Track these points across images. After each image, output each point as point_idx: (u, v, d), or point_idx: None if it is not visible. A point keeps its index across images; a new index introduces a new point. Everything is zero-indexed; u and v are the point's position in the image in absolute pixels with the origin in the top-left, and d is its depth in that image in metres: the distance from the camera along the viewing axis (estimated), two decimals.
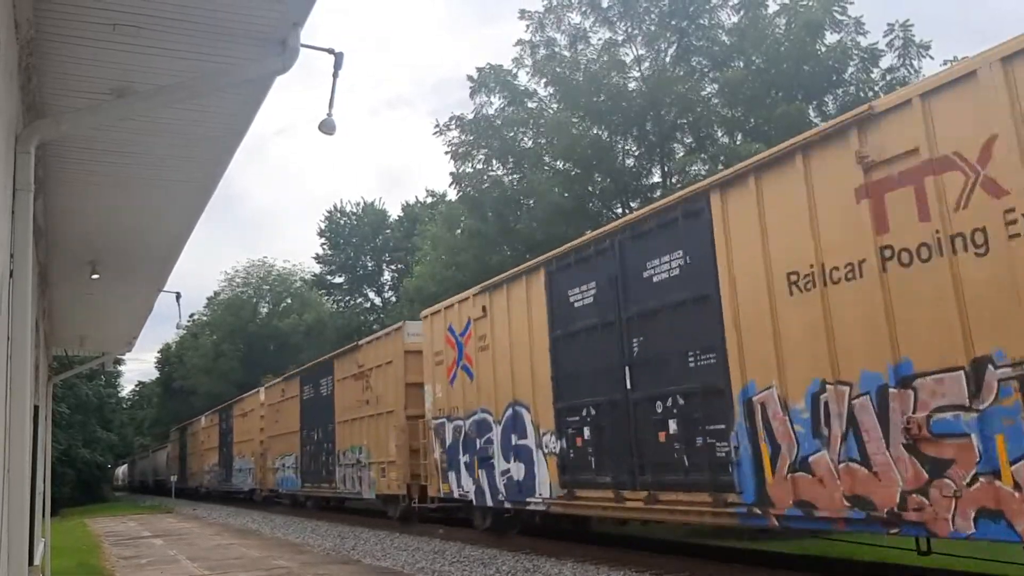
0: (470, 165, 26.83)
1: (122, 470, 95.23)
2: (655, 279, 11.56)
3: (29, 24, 4.80)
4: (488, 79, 26.48)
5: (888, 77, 22.34)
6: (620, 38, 25.64)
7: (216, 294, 69.02)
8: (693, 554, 13.18)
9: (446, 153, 27.02)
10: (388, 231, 57.02)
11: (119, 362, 56.48)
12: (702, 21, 24.61)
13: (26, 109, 5.54)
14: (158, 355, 72.08)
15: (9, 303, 4.68)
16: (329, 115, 6.26)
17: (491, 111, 26.77)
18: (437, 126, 27.14)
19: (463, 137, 26.80)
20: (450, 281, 28.48)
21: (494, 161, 26.82)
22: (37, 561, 11.07)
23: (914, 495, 7.87)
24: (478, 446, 16.28)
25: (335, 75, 5.98)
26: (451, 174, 26.90)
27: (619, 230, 12.55)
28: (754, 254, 9.90)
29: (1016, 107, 7.24)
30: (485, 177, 26.60)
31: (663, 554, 13.27)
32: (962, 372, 7.46)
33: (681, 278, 11.13)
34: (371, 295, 58.49)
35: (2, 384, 4.56)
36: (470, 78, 26.68)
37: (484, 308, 16.23)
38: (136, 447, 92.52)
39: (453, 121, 26.96)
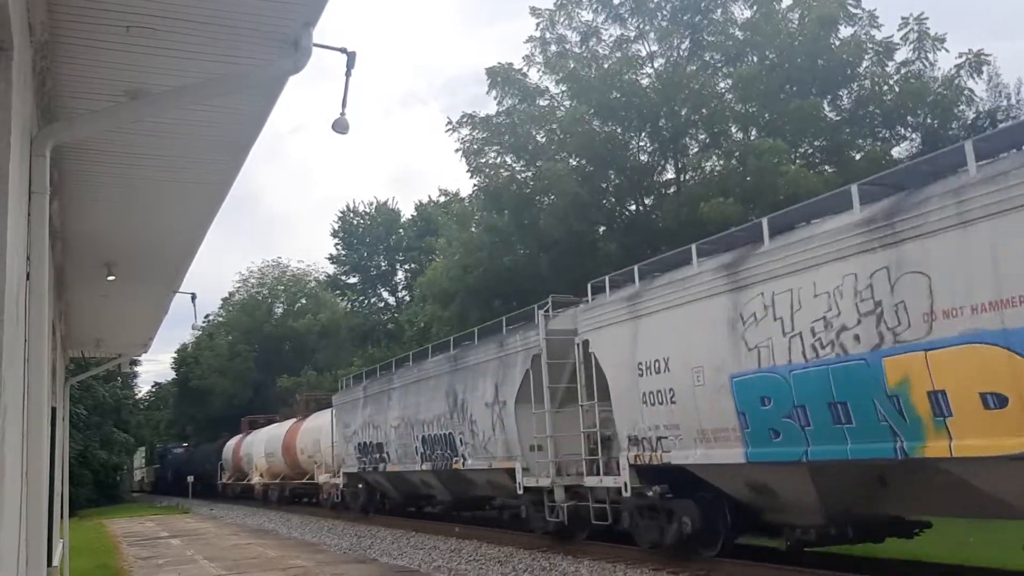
0: (484, 161, 26.81)
1: (229, 449, 45.14)
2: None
3: (43, 27, 4.80)
4: (499, 77, 26.44)
5: (903, 71, 22.17)
6: (632, 34, 25.55)
7: (231, 295, 69.39)
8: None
9: (457, 151, 26.99)
10: (401, 231, 57.07)
11: (135, 363, 56.70)
12: (715, 16, 24.50)
13: (41, 112, 5.55)
14: (174, 356, 72.27)
15: (26, 306, 4.69)
16: (342, 114, 6.23)
17: (504, 107, 26.75)
18: (449, 123, 27.12)
19: (475, 135, 26.76)
20: (461, 282, 28.45)
21: (508, 158, 26.79)
22: (56, 562, 11.12)
23: None
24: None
25: (348, 74, 5.94)
26: (468, 170, 26.89)
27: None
28: None
29: None
30: (501, 171, 26.57)
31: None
32: None
33: None
34: (385, 295, 58.60)
35: (20, 386, 4.57)
36: (488, 73, 26.56)
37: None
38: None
39: (465, 119, 26.92)
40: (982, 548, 12.42)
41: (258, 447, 39.49)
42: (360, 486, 25.91)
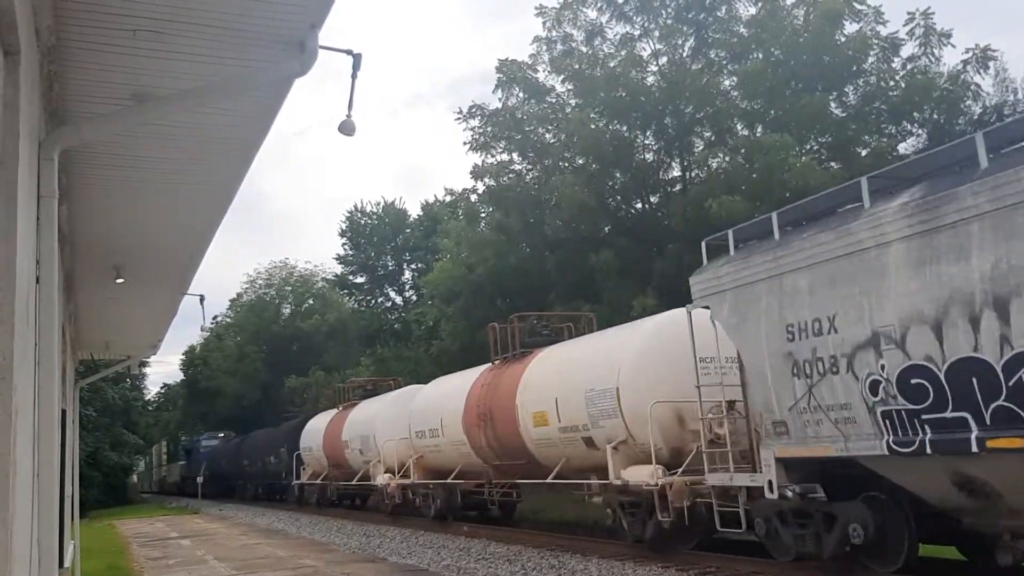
0: (492, 156, 26.88)
1: (317, 433, 30.94)
2: None
3: (50, 31, 4.83)
4: (508, 74, 26.48)
5: (909, 66, 22.12)
6: (637, 33, 25.55)
7: (239, 296, 69.61)
8: (717, 549, 13.12)
9: (465, 143, 27.05)
10: (408, 230, 57.13)
11: (144, 365, 56.69)
12: (719, 13, 24.46)
13: (48, 116, 5.58)
14: (183, 357, 72.49)
15: (36, 309, 4.72)
16: (349, 116, 6.25)
17: (512, 103, 26.81)
18: (459, 113, 27.24)
19: (484, 128, 26.88)
20: (466, 281, 28.47)
21: (515, 155, 26.84)
22: (67, 563, 11.18)
23: None
24: None
25: (354, 76, 5.95)
26: (471, 170, 26.90)
27: None
28: None
29: None
30: (508, 171, 26.63)
31: (689, 549, 13.23)
32: None
33: None
34: (392, 294, 58.70)
35: (30, 389, 4.60)
36: (500, 66, 26.56)
37: None
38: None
39: (475, 110, 27.02)
40: None
41: (388, 424, 24.42)
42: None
